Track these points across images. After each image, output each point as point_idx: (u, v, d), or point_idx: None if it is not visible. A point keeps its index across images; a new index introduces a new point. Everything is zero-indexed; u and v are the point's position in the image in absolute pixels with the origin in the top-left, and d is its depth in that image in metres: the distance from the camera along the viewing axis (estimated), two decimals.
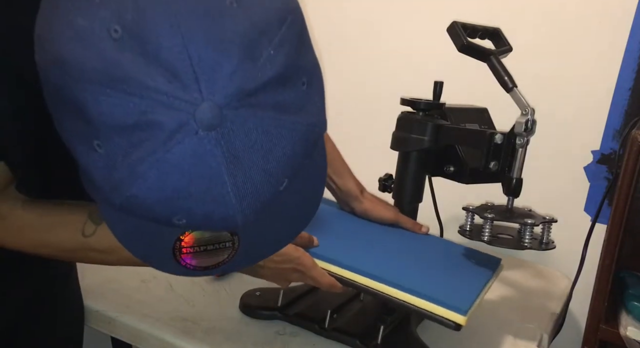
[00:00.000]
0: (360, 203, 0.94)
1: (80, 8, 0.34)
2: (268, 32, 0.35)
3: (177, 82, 0.33)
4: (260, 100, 0.34)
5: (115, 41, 0.33)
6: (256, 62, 0.34)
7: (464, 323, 0.72)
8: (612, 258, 0.93)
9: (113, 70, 0.33)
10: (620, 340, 0.94)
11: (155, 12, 0.33)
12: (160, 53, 0.32)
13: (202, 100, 0.33)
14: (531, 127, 0.78)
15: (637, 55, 1.14)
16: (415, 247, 0.91)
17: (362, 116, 1.43)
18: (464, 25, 0.86)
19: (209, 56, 0.33)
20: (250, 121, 0.34)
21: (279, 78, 0.35)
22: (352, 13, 1.42)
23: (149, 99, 0.33)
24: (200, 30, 0.33)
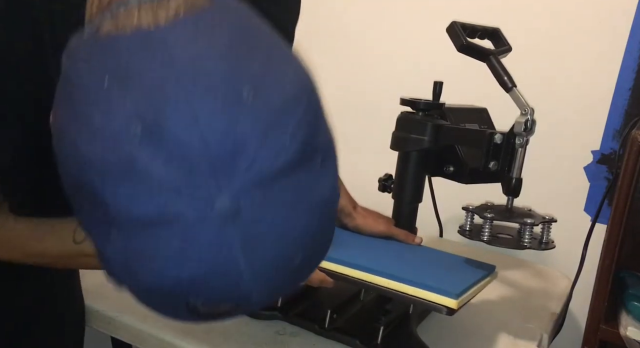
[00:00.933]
0: (352, 219, 0.94)
1: (98, 104, 0.34)
2: (285, 119, 0.35)
3: (195, 177, 0.33)
4: (276, 186, 0.35)
5: (135, 139, 0.33)
6: (273, 150, 0.35)
7: (455, 306, 0.72)
8: (612, 258, 0.93)
9: (133, 167, 0.33)
10: (620, 340, 0.94)
11: (174, 110, 0.33)
12: (179, 149, 0.33)
13: (219, 193, 0.34)
14: (531, 126, 0.78)
15: (637, 55, 1.14)
16: (409, 252, 0.91)
17: (362, 116, 1.43)
18: (464, 25, 0.86)
19: (227, 150, 0.33)
20: (267, 208, 0.35)
21: (295, 162, 0.36)
22: (352, 13, 1.42)
23: (168, 194, 0.33)
24: (218, 126, 0.33)
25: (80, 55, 0.37)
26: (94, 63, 0.36)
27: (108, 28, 0.37)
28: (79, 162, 0.35)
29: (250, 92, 0.34)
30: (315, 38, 1.41)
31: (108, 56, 0.35)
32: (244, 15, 0.39)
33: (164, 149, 0.33)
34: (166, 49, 0.34)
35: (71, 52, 0.39)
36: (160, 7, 0.37)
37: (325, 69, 1.46)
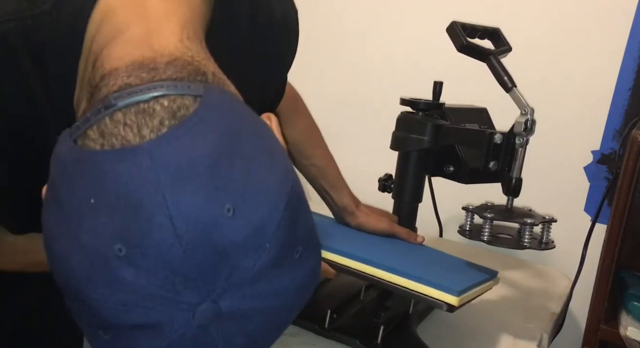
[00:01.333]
0: (355, 217, 0.95)
1: (84, 224, 0.36)
2: (264, 229, 0.37)
3: (178, 288, 0.35)
4: (255, 284, 0.37)
5: (120, 259, 0.35)
6: (252, 258, 0.37)
7: (456, 303, 0.72)
8: (612, 258, 0.93)
9: (118, 281, 0.35)
10: (620, 340, 0.94)
11: (158, 229, 0.35)
12: (162, 265, 0.35)
13: (202, 301, 0.36)
14: (531, 126, 0.78)
15: (637, 55, 1.14)
16: (410, 252, 0.91)
17: (362, 116, 1.43)
18: (464, 25, 0.86)
19: (208, 264, 0.35)
20: (246, 302, 0.38)
21: (274, 262, 0.38)
22: (352, 13, 1.42)
23: (152, 304, 0.36)
24: (200, 244, 0.35)
25: (69, 168, 0.38)
26: (81, 184, 0.37)
27: (93, 141, 0.38)
28: (67, 271, 0.37)
29: (231, 210, 0.36)
30: (316, 38, 1.41)
31: (94, 178, 0.37)
32: (227, 116, 0.40)
33: (148, 265, 0.35)
34: (151, 169, 0.35)
35: (60, 159, 0.40)
36: (145, 115, 0.38)
37: (325, 69, 1.46)
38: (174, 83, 0.40)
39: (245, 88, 0.47)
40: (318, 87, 0.98)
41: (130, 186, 0.35)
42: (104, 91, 0.42)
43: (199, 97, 0.39)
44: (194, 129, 0.37)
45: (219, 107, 0.40)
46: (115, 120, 0.38)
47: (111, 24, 0.48)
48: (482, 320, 0.94)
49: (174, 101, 0.39)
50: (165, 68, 0.42)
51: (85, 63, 0.49)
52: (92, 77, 0.46)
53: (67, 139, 0.40)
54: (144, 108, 0.38)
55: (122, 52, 0.45)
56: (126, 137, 0.37)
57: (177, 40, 0.46)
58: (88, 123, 0.39)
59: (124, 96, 0.39)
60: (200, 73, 0.43)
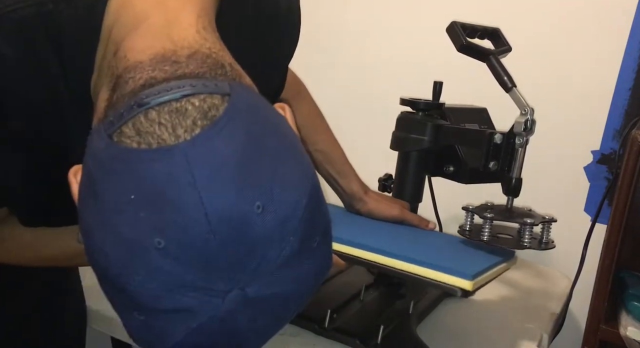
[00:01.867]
0: (364, 204, 0.94)
1: (124, 217, 0.39)
2: (289, 223, 0.40)
3: (211, 277, 0.38)
4: (278, 272, 0.40)
5: (159, 251, 0.38)
6: (277, 249, 0.40)
7: (470, 288, 0.71)
8: (612, 258, 0.93)
9: (155, 270, 0.38)
10: (620, 340, 0.94)
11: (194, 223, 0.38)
12: (197, 256, 0.38)
13: (230, 288, 0.39)
14: (530, 126, 0.78)
15: (637, 55, 1.14)
16: (423, 237, 0.91)
17: (362, 116, 1.43)
18: (464, 25, 0.86)
19: (239, 256, 0.39)
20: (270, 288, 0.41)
21: (296, 252, 0.41)
22: (353, 13, 1.42)
23: (186, 291, 0.38)
24: (232, 239, 0.38)
25: (107, 165, 0.40)
26: (120, 180, 0.39)
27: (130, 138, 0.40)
28: (105, 259, 0.39)
29: (260, 208, 0.39)
30: (316, 38, 1.41)
31: (134, 175, 0.39)
32: (253, 115, 0.43)
33: (184, 257, 0.38)
34: (187, 170, 0.38)
35: (97, 154, 0.41)
36: (178, 115, 0.40)
37: (325, 69, 1.46)
38: (201, 81, 0.42)
39: (252, 77, 0.49)
40: (318, 87, 0.98)
41: (168, 184, 0.38)
42: (130, 84, 0.44)
43: (227, 95, 0.42)
44: (224, 130, 0.40)
45: (245, 106, 0.42)
46: (150, 119, 0.40)
47: (129, 14, 0.50)
48: (482, 320, 0.94)
49: (204, 101, 0.41)
50: (187, 62, 0.45)
51: (103, 51, 0.51)
52: (114, 66, 0.47)
53: (102, 134, 0.41)
54: (176, 107, 0.40)
55: (143, 44, 0.47)
56: (162, 136, 0.39)
57: (195, 31, 0.48)
58: (122, 119, 0.41)
59: (155, 94, 0.41)
60: (220, 66, 0.46)
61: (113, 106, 0.44)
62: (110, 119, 0.42)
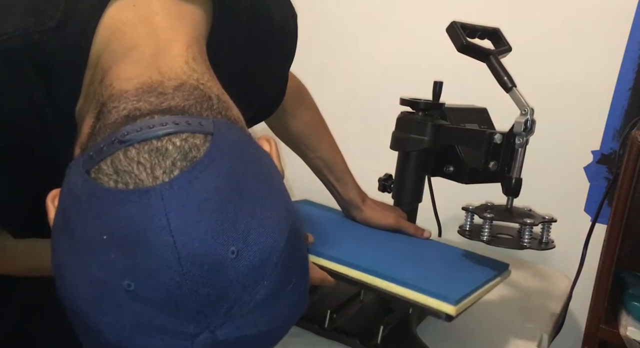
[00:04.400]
0: (361, 212, 0.95)
1: (96, 258, 0.38)
2: (264, 268, 0.39)
3: (181, 322, 0.38)
4: (250, 315, 0.40)
5: (128, 293, 0.37)
6: (250, 294, 0.39)
7: (453, 313, 0.72)
8: (612, 258, 0.93)
9: (125, 315, 0.38)
10: (620, 340, 0.94)
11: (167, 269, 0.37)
12: (169, 300, 0.37)
13: (200, 332, 0.38)
14: (530, 126, 0.78)
15: (637, 55, 1.14)
16: (416, 249, 0.91)
17: (362, 116, 1.43)
18: (463, 25, 0.86)
19: (211, 300, 0.38)
20: (240, 330, 0.40)
21: (270, 295, 0.40)
22: (352, 13, 1.42)
23: (154, 334, 0.38)
24: (204, 283, 0.37)
25: (82, 202, 0.40)
26: (94, 219, 0.39)
27: (107, 176, 0.39)
28: (76, 298, 0.39)
29: (234, 253, 0.38)
30: (316, 38, 1.41)
31: (108, 216, 0.38)
32: (234, 157, 0.42)
33: (154, 300, 0.37)
34: (162, 213, 0.37)
35: (73, 190, 0.41)
36: (158, 155, 0.39)
37: (325, 70, 1.46)
38: (185, 118, 0.42)
39: (245, 94, 0.49)
40: (318, 88, 0.98)
41: (142, 227, 0.37)
42: (114, 115, 0.43)
43: (210, 135, 0.41)
44: (204, 172, 0.39)
45: (227, 146, 0.42)
46: (129, 157, 0.40)
47: (119, 42, 0.49)
48: (482, 320, 0.94)
49: (186, 140, 0.40)
50: (173, 93, 0.44)
51: (91, 76, 0.50)
52: (99, 93, 0.47)
53: (80, 169, 0.41)
54: (157, 147, 0.40)
55: (130, 73, 0.46)
56: (139, 177, 0.39)
57: (184, 62, 0.48)
58: (102, 155, 0.40)
59: (137, 130, 0.41)
60: (207, 98, 0.45)
61: (95, 136, 0.43)
62: (90, 154, 0.41)
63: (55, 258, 0.41)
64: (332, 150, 0.96)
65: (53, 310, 0.83)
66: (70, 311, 0.40)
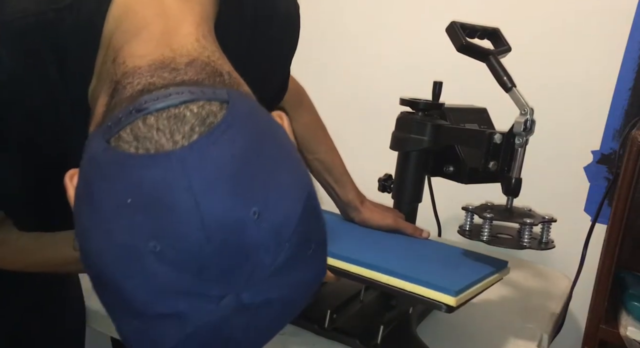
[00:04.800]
0: (359, 213, 0.95)
1: (120, 222, 0.39)
2: (284, 231, 0.40)
3: (206, 284, 0.38)
4: (273, 278, 0.40)
5: (154, 255, 0.38)
6: (272, 256, 0.40)
7: (454, 303, 0.72)
8: (612, 258, 0.93)
9: (151, 278, 0.38)
10: (620, 340, 0.94)
11: (190, 231, 0.37)
12: (192, 262, 0.38)
13: (224, 294, 0.39)
14: (530, 126, 0.78)
15: (637, 55, 1.14)
16: (415, 247, 0.91)
17: (362, 116, 1.43)
18: (463, 25, 0.86)
19: (234, 262, 0.39)
20: (263, 294, 0.41)
21: (290, 259, 0.41)
22: (352, 13, 1.42)
23: (180, 296, 0.38)
24: (228, 244, 0.38)
25: (104, 169, 0.40)
26: (117, 184, 0.39)
27: (128, 143, 0.40)
28: (101, 263, 0.39)
29: (256, 214, 0.39)
30: (316, 38, 1.41)
31: (131, 180, 0.39)
32: (251, 123, 0.43)
33: (179, 262, 0.38)
34: (184, 175, 0.38)
35: (94, 159, 0.41)
36: (177, 121, 0.40)
37: (325, 70, 1.46)
38: (200, 88, 0.43)
39: (248, 82, 0.49)
40: (318, 88, 0.98)
41: (165, 190, 0.38)
42: (128, 89, 0.44)
43: (225, 103, 0.42)
44: (222, 137, 0.40)
45: (243, 113, 0.42)
46: (148, 125, 0.40)
47: (130, 21, 0.50)
48: (482, 320, 0.94)
49: (203, 107, 0.41)
50: (185, 69, 0.45)
51: (103, 57, 0.51)
52: (112, 72, 0.48)
53: (100, 139, 0.41)
54: (175, 113, 0.41)
55: (143, 51, 0.47)
56: (160, 142, 0.39)
57: (194, 39, 0.48)
58: (120, 125, 0.41)
59: (154, 99, 0.41)
60: (218, 74, 0.46)
61: (111, 111, 0.44)
62: (109, 124, 0.42)
63: (79, 226, 0.42)
64: (330, 152, 0.96)
65: (53, 310, 0.83)
66: (96, 278, 0.41)
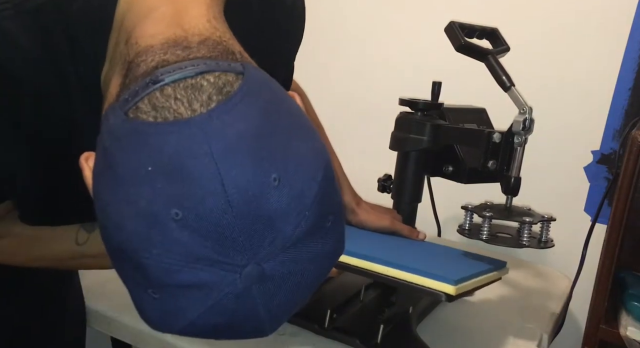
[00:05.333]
0: (355, 215, 0.95)
1: (141, 189, 0.39)
2: (304, 198, 0.40)
3: (227, 251, 0.39)
4: (294, 248, 0.41)
5: (176, 222, 0.38)
6: (293, 225, 0.40)
7: (454, 292, 0.72)
8: (612, 258, 0.93)
9: (173, 243, 0.38)
10: (620, 340, 0.94)
11: (212, 196, 0.38)
12: (214, 229, 0.38)
13: (246, 263, 0.39)
14: (529, 125, 0.78)
15: (637, 55, 1.14)
16: (412, 247, 0.91)
17: (362, 116, 1.43)
18: (462, 25, 0.86)
19: (255, 229, 0.39)
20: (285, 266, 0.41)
21: (310, 229, 0.41)
22: (352, 13, 1.42)
23: (202, 265, 0.39)
24: (249, 210, 0.38)
25: (122, 141, 0.40)
26: (137, 153, 0.39)
27: (146, 113, 0.40)
28: (122, 233, 0.39)
29: (277, 180, 0.39)
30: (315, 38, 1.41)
31: (151, 148, 0.39)
32: (266, 93, 0.43)
33: (202, 229, 0.38)
34: (205, 141, 0.38)
35: (113, 130, 0.42)
36: (194, 90, 0.41)
37: (324, 70, 1.46)
38: (215, 61, 0.43)
39: None
40: (318, 88, 0.98)
41: (186, 156, 0.38)
42: (142, 67, 0.44)
43: (241, 74, 0.42)
44: (239, 104, 0.40)
45: (258, 84, 0.43)
46: (165, 94, 0.41)
47: (141, 3, 0.50)
48: (482, 320, 0.94)
49: (219, 77, 0.42)
50: (198, 47, 0.45)
51: (115, 40, 0.51)
52: (125, 53, 0.48)
53: (118, 111, 0.42)
54: (192, 83, 0.41)
55: (154, 30, 0.47)
56: (178, 110, 0.40)
57: (205, 20, 0.49)
58: (138, 96, 0.41)
59: (170, 71, 0.42)
60: (230, 52, 0.46)
61: (126, 87, 0.44)
62: (125, 97, 0.42)
63: (99, 202, 0.42)
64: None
65: (53, 310, 0.83)
66: (116, 251, 0.41)
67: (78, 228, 0.65)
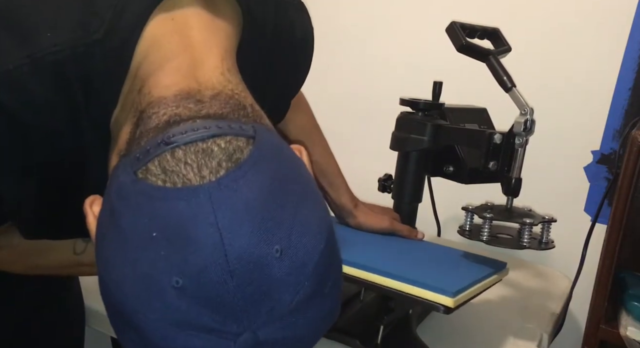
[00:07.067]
0: (354, 218, 0.95)
1: (145, 254, 0.39)
2: (305, 268, 0.40)
3: (225, 321, 0.39)
4: (290, 316, 0.40)
5: (176, 289, 0.38)
6: (291, 295, 0.40)
7: (452, 305, 0.72)
8: (612, 258, 0.93)
9: (172, 313, 0.38)
10: (620, 340, 0.94)
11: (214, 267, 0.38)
12: (214, 299, 0.38)
13: (243, 332, 0.39)
14: (530, 126, 0.78)
15: (637, 55, 1.14)
16: (412, 249, 0.91)
17: (362, 116, 1.43)
18: (463, 25, 0.86)
19: (254, 298, 0.39)
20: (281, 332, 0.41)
21: (308, 296, 0.41)
22: (352, 13, 1.42)
23: (198, 333, 0.39)
24: (249, 281, 0.38)
25: (132, 201, 0.41)
26: (144, 217, 0.40)
27: (155, 176, 0.41)
28: (123, 295, 0.40)
29: (278, 252, 0.39)
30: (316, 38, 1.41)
31: (157, 213, 0.39)
32: (276, 160, 0.43)
33: (201, 298, 0.38)
34: (211, 210, 0.38)
35: (122, 190, 0.42)
36: (204, 156, 0.41)
37: (325, 70, 1.46)
38: (227, 122, 0.43)
39: (265, 106, 0.50)
40: (318, 88, 0.98)
41: (191, 224, 0.38)
42: (154, 120, 0.45)
43: (252, 138, 0.43)
44: (248, 173, 0.40)
45: (268, 150, 0.43)
46: (176, 158, 0.41)
47: (157, 53, 0.51)
48: (482, 320, 0.94)
49: (230, 143, 0.42)
50: (210, 102, 0.46)
51: (129, 87, 0.52)
52: (137, 102, 0.49)
53: (128, 170, 0.42)
54: (203, 148, 0.41)
55: (168, 81, 0.48)
56: (187, 176, 0.40)
57: (219, 73, 0.50)
58: (149, 156, 0.42)
59: (182, 132, 0.42)
60: (242, 107, 0.47)
61: (136, 141, 0.44)
62: (137, 155, 0.42)
63: (101, 255, 0.42)
64: (325, 154, 0.96)
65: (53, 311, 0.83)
66: (114, 309, 0.41)
67: (76, 239, 0.67)
